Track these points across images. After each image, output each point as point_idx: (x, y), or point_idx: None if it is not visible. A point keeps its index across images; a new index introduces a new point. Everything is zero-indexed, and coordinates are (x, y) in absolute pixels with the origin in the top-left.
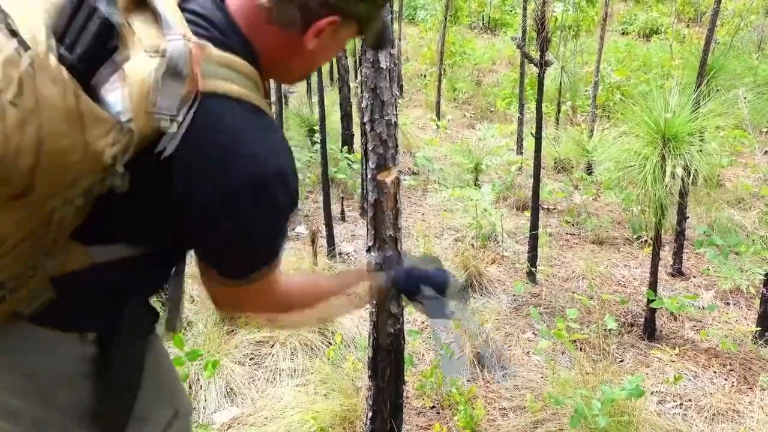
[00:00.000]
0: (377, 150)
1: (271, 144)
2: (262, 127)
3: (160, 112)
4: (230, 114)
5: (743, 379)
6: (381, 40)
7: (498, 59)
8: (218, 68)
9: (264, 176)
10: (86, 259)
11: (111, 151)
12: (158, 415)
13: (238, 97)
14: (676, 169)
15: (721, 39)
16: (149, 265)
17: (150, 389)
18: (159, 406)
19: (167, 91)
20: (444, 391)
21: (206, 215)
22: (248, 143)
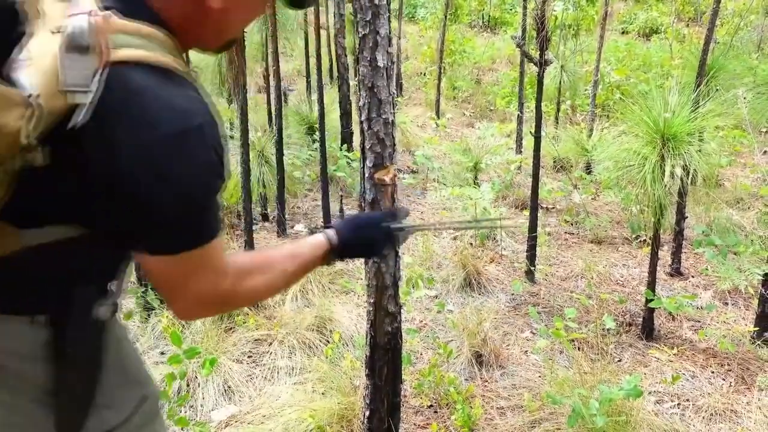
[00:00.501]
0: (375, 149)
1: (183, 100)
2: (173, 85)
3: (70, 88)
4: (139, 78)
5: (741, 379)
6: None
7: (498, 58)
8: (126, 37)
9: (178, 130)
10: (17, 242)
11: (25, 129)
12: (125, 400)
13: (146, 62)
14: (675, 169)
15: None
16: (87, 249)
17: (114, 375)
18: (125, 391)
19: (74, 66)
20: (442, 389)
21: (129, 182)
22: (159, 102)
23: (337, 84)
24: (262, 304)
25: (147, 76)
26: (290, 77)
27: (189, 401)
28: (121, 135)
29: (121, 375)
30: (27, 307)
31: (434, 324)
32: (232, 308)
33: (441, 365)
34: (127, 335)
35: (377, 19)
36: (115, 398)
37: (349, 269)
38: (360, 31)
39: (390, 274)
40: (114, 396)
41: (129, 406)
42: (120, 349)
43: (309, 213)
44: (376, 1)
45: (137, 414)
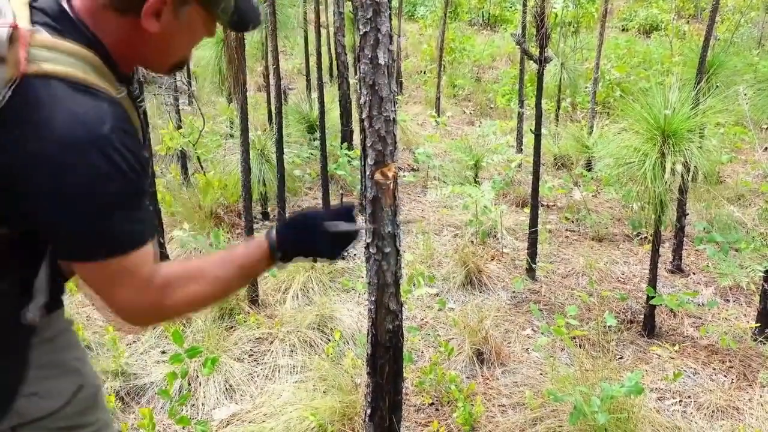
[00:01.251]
0: (376, 146)
1: (91, 113)
2: (85, 100)
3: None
4: (51, 90)
5: (742, 375)
6: (240, 20)
7: (498, 56)
8: (48, 52)
9: (77, 141)
10: None
11: None
12: (59, 389)
13: (63, 76)
14: (676, 166)
15: (721, 35)
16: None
17: (46, 368)
18: (59, 382)
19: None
20: (443, 387)
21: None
22: (63, 113)
23: (337, 82)
24: (263, 302)
25: (59, 89)
26: (290, 76)
27: (190, 400)
28: (23, 142)
29: (55, 368)
30: None
31: (435, 322)
32: (164, 319)
33: (442, 363)
34: (69, 328)
35: (378, 16)
36: (47, 388)
37: (350, 267)
38: (361, 28)
39: (391, 272)
40: (46, 386)
41: (65, 395)
42: (57, 344)
43: None
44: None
45: (72, 402)
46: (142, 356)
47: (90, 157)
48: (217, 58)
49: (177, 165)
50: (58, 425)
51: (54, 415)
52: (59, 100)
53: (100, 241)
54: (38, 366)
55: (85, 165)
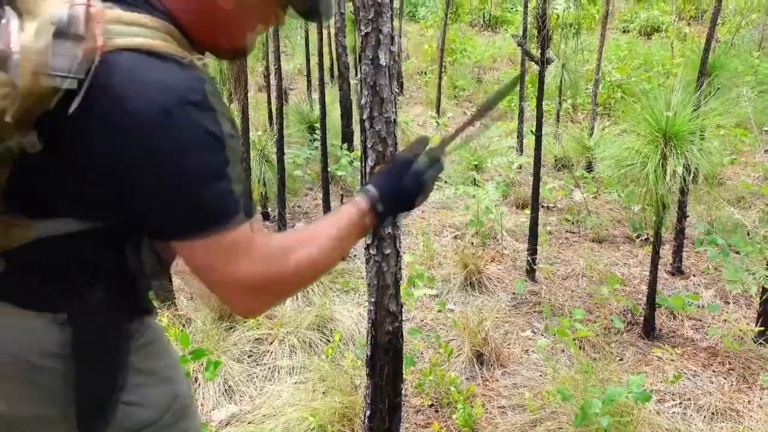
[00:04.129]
0: (376, 147)
1: (174, 81)
2: (166, 68)
3: (56, 73)
4: (130, 61)
5: (743, 378)
6: (313, 7)
7: (499, 57)
8: (122, 26)
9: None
10: (32, 232)
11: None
12: (156, 399)
13: (142, 47)
14: (677, 168)
15: (722, 37)
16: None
17: (144, 376)
18: (156, 390)
19: (62, 52)
20: (443, 389)
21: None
22: (148, 82)
23: (338, 83)
24: None
25: (141, 60)
26: (291, 76)
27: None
28: (112, 116)
29: (152, 375)
30: (48, 304)
31: (435, 323)
32: (286, 292)
33: (442, 364)
34: (162, 334)
35: (380, 17)
36: (146, 397)
37: (350, 268)
38: (362, 29)
39: (391, 274)
40: (145, 395)
41: (162, 405)
42: (153, 350)
43: (310, 212)
44: (379, 0)
45: (169, 412)
46: None
47: (179, 126)
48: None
49: None
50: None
51: (150, 426)
52: (144, 71)
53: (215, 209)
54: (138, 373)
55: (176, 133)
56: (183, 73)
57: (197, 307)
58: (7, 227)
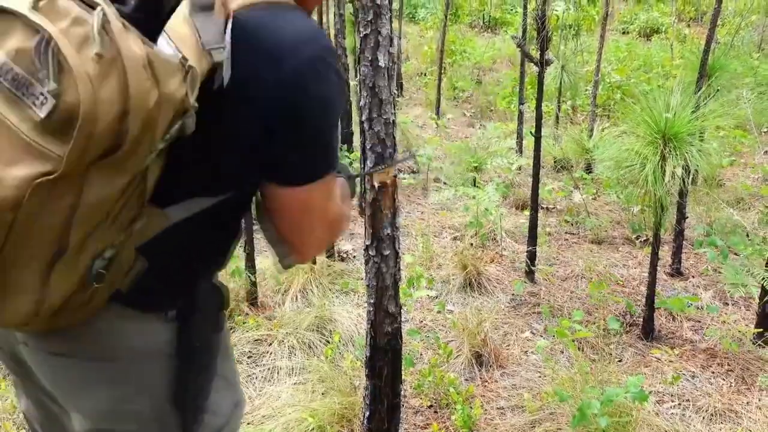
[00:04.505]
0: (375, 149)
1: (306, 27)
2: (292, 16)
3: (210, 46)
4: (261, 18)
5: (741, 379)
6: None
7: (498, 58)
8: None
9: (314, 54)
10: (164, 220)
11: (183, 91)
12: (223, 405)
13: (261, 1)
14: (676, 169)
15: (721, 39)
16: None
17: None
18: (224, 396)
19: (206, 26)
20: (442, 390)
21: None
22: (286, 33)
23: None
24: (262, 303)
25: (271, 13)
26: None
27: None
28: (264, 73)
29: (223, 380)
30: (161, 303)
31: (434, 324)
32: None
33: (441, 365)
34: (230, 340)
35: (379, 19)
36: (216, 402)
37: (350, 269)
38: (361, 31)
39: (390, 275)
40: (215, 400)
41: (226, 412)
42: (226, 353)
43: None
44: (378, 1)
45: (231, 421)
46: None
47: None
48: None
49: None
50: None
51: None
52: (273, 24)
53: (330, 155)
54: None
55: (326, 75)
56: (307, 21)
57: None
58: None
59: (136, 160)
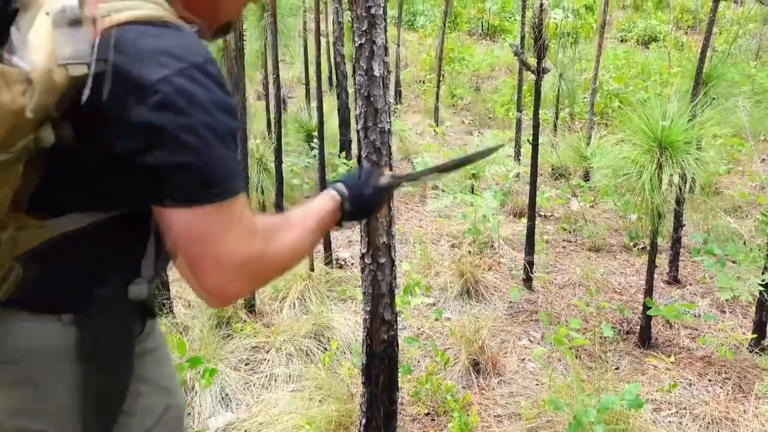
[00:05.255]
0: (371, 158)
1: (184, 42)
2: (172, 33)
3: (66, 61)
4: (139, 32)
5: (738, 387)
6: None
7: (497, 65)
8: (115, 3)
9: (187, 65)
10: (44, 233)
11: (21, 102)
12: (149, 408)
13: (141, 19)
14: (673, 177)
15: (719, 47)
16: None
17: (142, 383)
18: (151, 399)
19: (68, 40)
20: (439, 397)
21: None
22: (162, 46)
23: (336, 92)
24: (260, 311)
25: (144, 31)
26: (290, 84)
27: (186, 409)
28: (132, 92)
29: (151, 384)
30: (55, 305)
31: (432, 332)
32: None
33: (438, 373)
34: (164, 343)
35: (373, 28)
36: (141, 406)
37: (347, 277)
38: (357, 40)
39: (386, 282)
40: (140, 404)
41: (153, 415)
42: (154, 357)
43: None
44: (373, 11)
45: (161, 423)
46: None
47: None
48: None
49: None
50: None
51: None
52: (149, 41)
53: (216, 176)
54: (137, 379)
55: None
56: (185, 39)
57: (194, 314)
58: (24, 229)
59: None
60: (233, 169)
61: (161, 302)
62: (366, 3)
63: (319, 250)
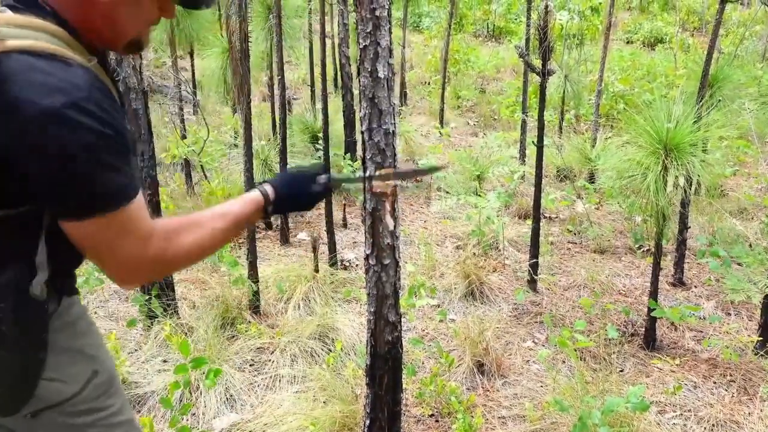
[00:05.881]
0: (375, 159)
1: (66, 79)
2: (54, 66)
3: None
4: (20, 64)
5: (743, 389)
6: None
7: (502, 67)
8: (11, 29)
9: (59, 108)
10: None
11: None
12: (76, 374)
13: (30, 49)
14: (678, 179)
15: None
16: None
17: (66, 354)
18: (77, 367)
19: None
20: (443, 399)
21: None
22: (38, 84)
23: (341, 93)
24: (265, 312)
25: (30, 62)
26: (295, 86)
27: (191, 409)
28: (4, 115)
29: (73, 353)
30: None
31: (436, 333)
32: (167, 271)
33: (442, 374)
34: (84, 315)
35: (378, 30)
36: (67, 373)
37: (352, 278)
38: (361, 42)
39: (390, 284)
40: (64, 371)
41: (81, 380)
42: (74, 329)
43: (312, 221)
44: (377, 13)
45: (88, 387)
46: (143, 365)
47: (72, 121)
48: (222, 68)
49: (181, 174)
50: (77, 409)
51: (72, 399)
52: (32, 72)
53: (98, 195)
54: (57, 350)
55: (70, 128)
56: (69, 73)
57: (199, 316)
58: None
59: None
60: (116, 183)
61: (166, 303)
62: (370, 5)
63: (324, 252)
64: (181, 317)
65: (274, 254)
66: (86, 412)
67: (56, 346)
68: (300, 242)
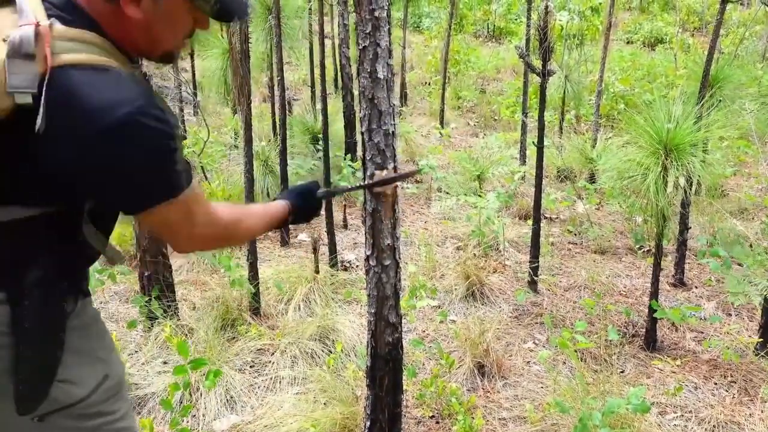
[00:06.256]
0: (375, 160)
1: (122, 91)
2: (111, 80)
3: (14, 90)
4: (78, 78)
5: (744, 390)
6: (223, 10)
7: (502, 67)
8: (67, 43)
9: (120, 121)
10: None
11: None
12: (88, 377)
13: (86, 63)
14: (679, 180)
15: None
16: (44, 230)
17: (79, 355)
18: (88, 370)
19: (19, 71)
20: (444, 400)
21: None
22: (100, 97)
23: (341, 94)
24: (265, 313)
25: (87, 76)
26: (295, 87)
27: (191, 411)
28: (72, 131)
29: (86, 355)
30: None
31: (437, 334)
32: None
33: (443, 376)
34: (98, 318)
35: (377, 31)
36: (77, 375)
37: (352, 279)
38: (360, 43)
39: (391, 285)
40: (76, 373)
41: (91, 384)
42: (88, 332)
43: (312, 222)
44: (377, 14)
45: (98, 391)
46: (143, 366)
47: (143, 127)
48: (223, 69)
49: None
50: (84, 412)
51: (81, 402)
52: (93, 87)
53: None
54: (71, 351)
55: (142, 134)
56: (124, 84)
57: (200, 317)
58: None
59: None
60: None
61: (166, 305)
62: (369, 6)
63: (324, 253)
64: (182, 319)
65: (275, 255)
66: (93, 416)
67: (71, 347)
68: (300, 243)
